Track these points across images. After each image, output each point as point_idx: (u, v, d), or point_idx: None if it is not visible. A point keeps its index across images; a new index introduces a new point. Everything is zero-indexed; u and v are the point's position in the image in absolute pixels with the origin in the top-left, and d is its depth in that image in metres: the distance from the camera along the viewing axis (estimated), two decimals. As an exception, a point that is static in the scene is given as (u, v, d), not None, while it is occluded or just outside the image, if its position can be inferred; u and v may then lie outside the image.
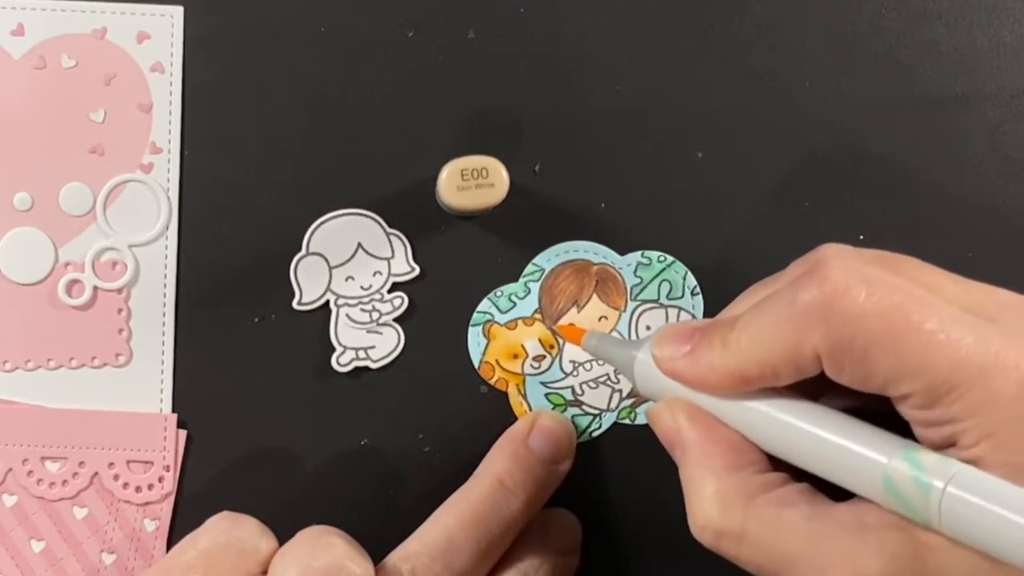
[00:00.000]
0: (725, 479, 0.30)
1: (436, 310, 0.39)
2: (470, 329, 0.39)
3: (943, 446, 0.28)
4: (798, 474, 0.31)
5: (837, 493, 0.30)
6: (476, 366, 0.39)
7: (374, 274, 0.39)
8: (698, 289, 0.40)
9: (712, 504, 0.30)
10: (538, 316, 0.39)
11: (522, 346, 0.39)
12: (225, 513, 0.34)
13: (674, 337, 0.32)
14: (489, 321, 0.39)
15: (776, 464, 0.31)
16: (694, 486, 0.31)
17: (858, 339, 0.27)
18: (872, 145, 0.40)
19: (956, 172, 0.41)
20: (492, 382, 0.39)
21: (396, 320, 0.39)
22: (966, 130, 0.41)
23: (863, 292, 0.27)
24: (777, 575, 0.29)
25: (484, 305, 0.39)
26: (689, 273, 0.40)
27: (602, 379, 0.39)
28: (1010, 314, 0.28)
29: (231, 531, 0.33)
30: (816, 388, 0.30)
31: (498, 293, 0.39)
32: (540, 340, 0.39)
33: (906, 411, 0.28)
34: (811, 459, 0.29)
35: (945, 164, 0.41)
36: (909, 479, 0.27)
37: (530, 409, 0.39)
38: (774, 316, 0.29)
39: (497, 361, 0.39)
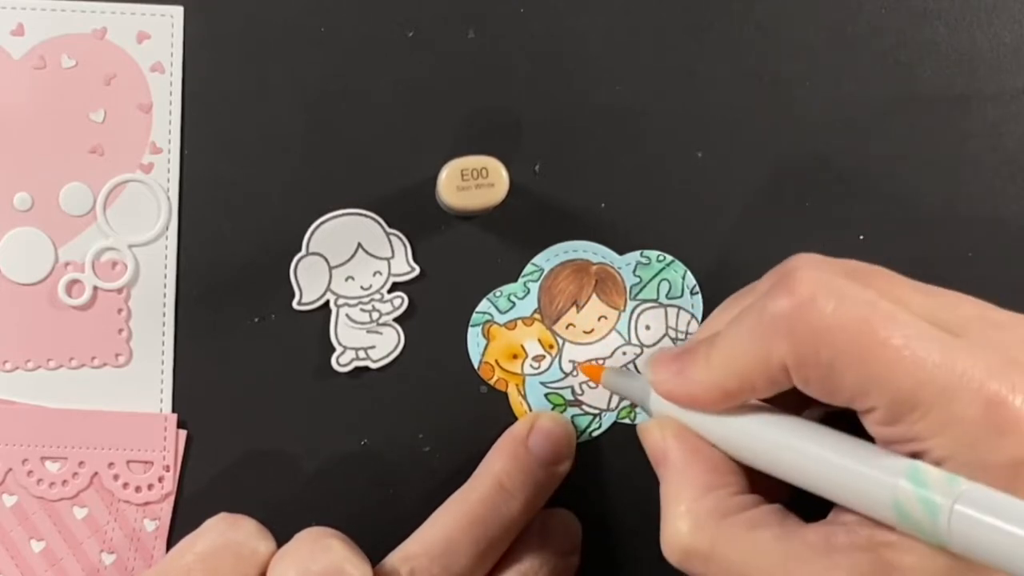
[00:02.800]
0: (699, 498, 0.30)
1: (436, 310, 0.39)
2: (469, 329, 0.39)
3: None
4: (780, 491, 0.31)
5: (812, 512, 0.30)
6: (476, 366, 0.39)
7: (374, 274, 0.39)
8: (697, 288, 0.40)
9: (683, 521, 0.30)
10: (537, 316, 0.39)
11: (522, 346, 0.39)
12: (223, 515, 0.34)
13: (665, 360, 0.32)
14: (488, 321, 0.39)
15: (755, 485, 0.31)
16: (669, 503, 0.31)
17: (824, 352, 0.27)
18: (872, 145, 0.40)
19: (956, 172, 0.41)
20: (492, 382, 0.39)
21: (396, 320, 0.39)
22: (966, 130, 0.41)
23: (830, 304, 0.27)
24: None
25: (483, 305, 0.39)
26: (688, 272, 0.40)
27: None
28: (976, 328, 0.28)
29: (229, 533, 0.33)
30: (802, 399, 0.30)
31: (497, 293, 0.39)
32: (539, 340, 0.39)
33: (871, 427, 0.28)
34: (816, 482, 0.29)
35: (945, 164, 0.41)
36: (915, 499, 0.26)
37: (530, 409, 0.39)
38: (747, 328, 0.29)
39: (497, 361, 0.39)
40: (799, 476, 0.30)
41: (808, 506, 0.31)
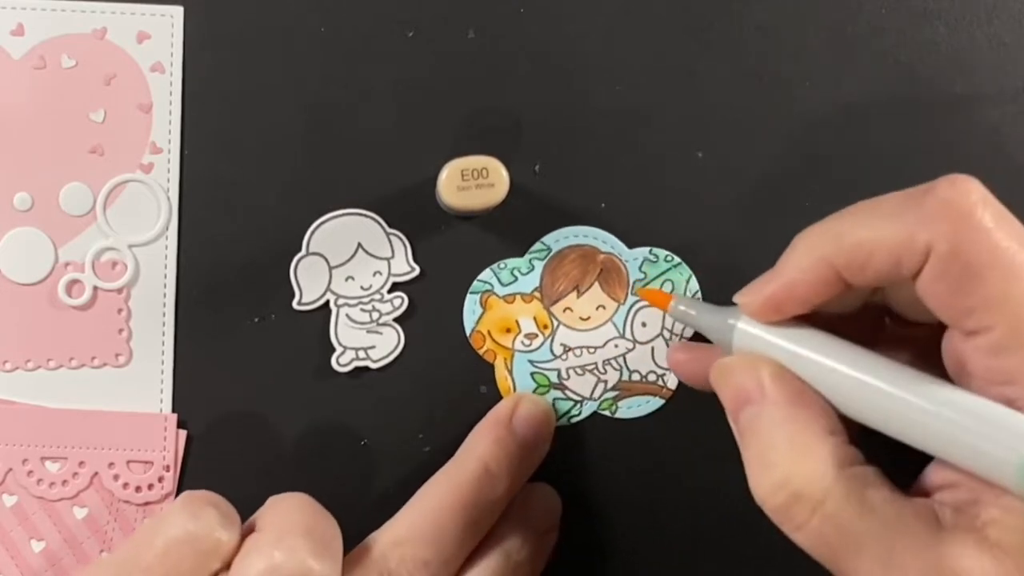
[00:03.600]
0: (817, 441, 0.28)
1: (436, 310, 0.39)
2: (468, 296, 0.39)
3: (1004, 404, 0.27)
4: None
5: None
6: (468, 334, 0.39)
7: (374, 274, 0.39)
8: (700, 295, 0.40)
9: (797, 464, 0.28)
10: (537, 295, 0.39)
11: (516, 321, 0.39)
12: (185, 499, 0.32)
13: (755, 282, 0.31)
14: (488, 291, 0.39)
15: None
16: (774, 444, 0.29)
17: (976, 248, 0.27)
18: (872, 145, 0.40)
19: (956, 172, 0.41)
20: (481, 352, 0.39)
21: (396, 320, 0.39)
22: (966, 130, 0.41)
23: (992, 211, 0.28)
24: (835, 558, 0.28)
25: (486, 275, 0.39)
26: (693, 277, 0.40)
27: (590, 367, 0.39)
28: None
29: (189, 526, 0.31)
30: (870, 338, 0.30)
31: (501, 265, 0.39)
32: (535, 319, 0.39)
33: (974, 355, 0.27)
34: (927, 438, 0.28)
35: (945, 164, 0.40)
36: None
37: (514, 383, 0.39)
38: (895, 203, 0.29)
39: (489, 332, 0.39)
40: (907, 431, 0.29)
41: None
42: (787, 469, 0.28)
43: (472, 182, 0.37)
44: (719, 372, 0.32)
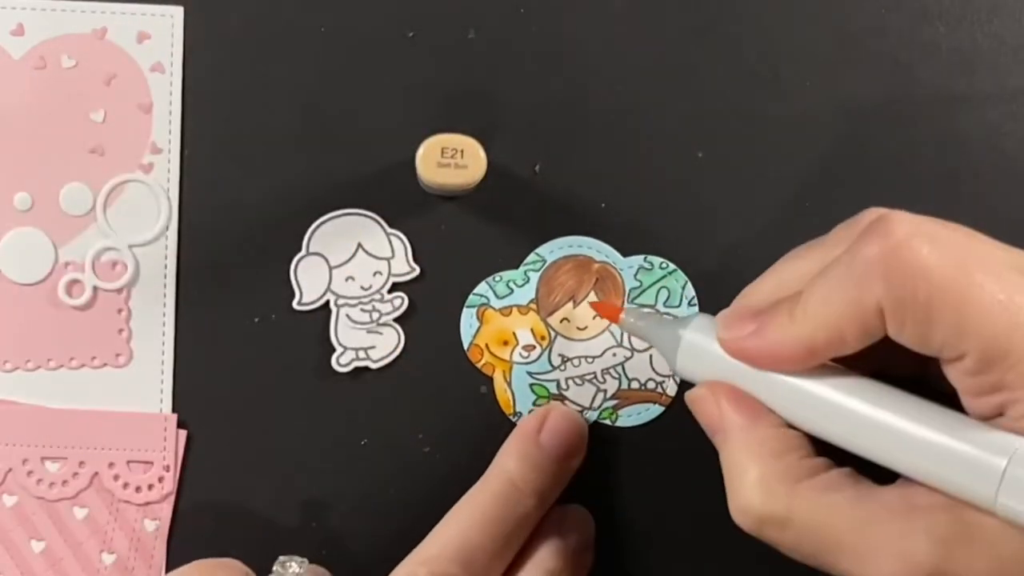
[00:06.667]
0: (770, 464, 0.29)
1: (436, 311, 0.39)
2: (464, 310, 0.39)
3: (991, 416, 0.27)
4: (842, 459, 0.30)
5: (882, 476, 0.29)
6: (465, 347, 0.39)
7: (374, 274, 0.39)
8: (696, 300, 0.39)
9: (755, 490, 0.29)
10: (533, 306, 0.39)
11: (513, 333, 0.39)
12: (198, 568, 0.33)
13: (739, 318, 0.31)
14: (484, 305, 0.39)
15: (819, 449, 0.30)
16: (736, 471, 0.30)
17: (920, 292, 0.27)
18: (872, 145, 0.40)
19: (956, 172, 0.41)
20: (479, 365, 0.39)
21: (396, 320, 0.39)
22: (966, 130, 0.41)
23: (926, 246, 0.27)
24: (821, 561, 0.29)
25: (481, 288, 0.39)
26: (689, 284, 0.39)
27: (588, 377, 0.39)
28: None
29: None
30: (873, 367, 0.30)
31: (497, 278, 0.39)
32: (532, 330, 0.39)
33: (957, 377, 0.28)
34: (902, 463, 0.28)
35: (945, 164, 0.41)
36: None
37: (513, 396, 0.39)
38: (837, 276, 0.29)
39: (487, 345, 0.39)
40: (865, 445, 0.29)
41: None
42: (746, 496, 0.30)
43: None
44: (690, 403, 0.33)
